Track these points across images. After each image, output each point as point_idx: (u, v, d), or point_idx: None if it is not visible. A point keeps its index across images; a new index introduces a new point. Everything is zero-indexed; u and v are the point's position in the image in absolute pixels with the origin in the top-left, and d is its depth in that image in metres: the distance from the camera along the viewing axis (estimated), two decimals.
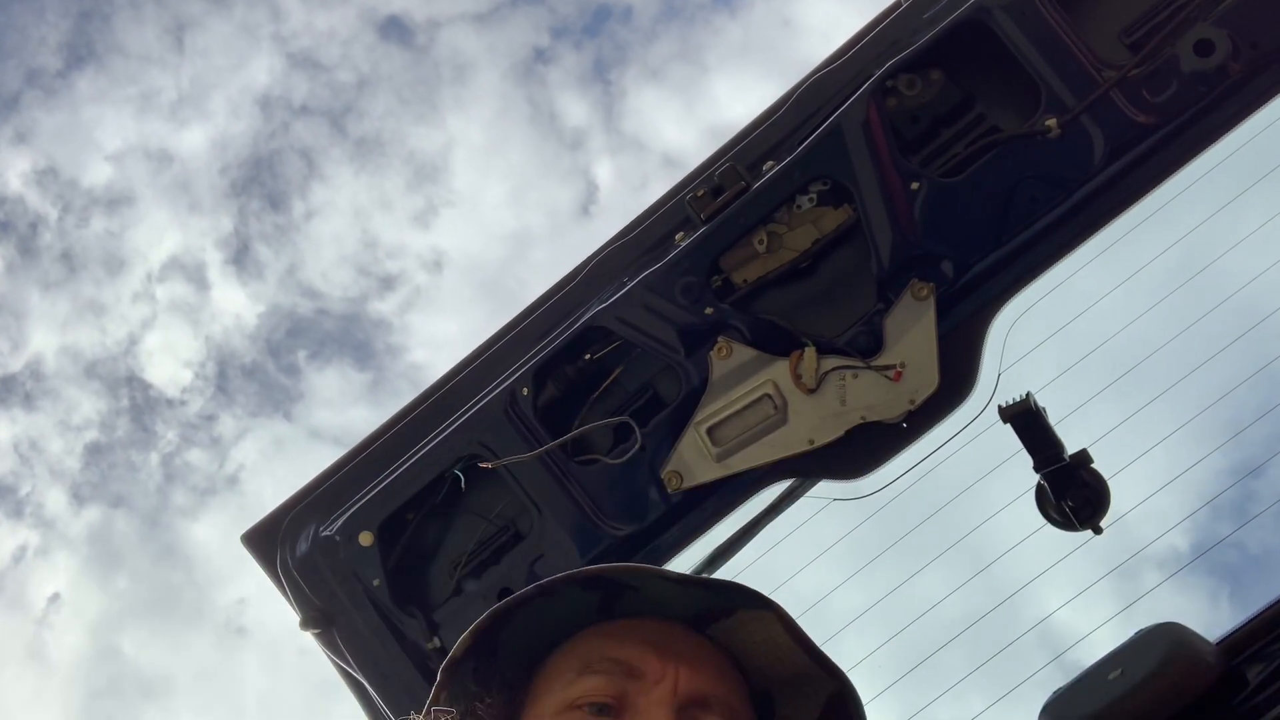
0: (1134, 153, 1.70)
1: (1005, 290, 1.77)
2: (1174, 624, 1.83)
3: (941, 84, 1.80)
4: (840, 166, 1.77)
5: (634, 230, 1.94)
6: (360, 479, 1.96)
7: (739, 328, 1.81)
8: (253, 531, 2.02)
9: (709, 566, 1.98)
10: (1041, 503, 1.79)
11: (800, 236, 1.81)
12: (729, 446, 1.79)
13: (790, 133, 1.87)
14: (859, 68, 1.84)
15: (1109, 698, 1.75)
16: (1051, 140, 1.71)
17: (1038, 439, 1.78)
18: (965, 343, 1.77)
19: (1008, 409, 1.77)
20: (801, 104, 1.87)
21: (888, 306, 1.76)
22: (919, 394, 1.72)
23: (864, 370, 1.74)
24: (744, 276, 1.83)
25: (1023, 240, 1.74)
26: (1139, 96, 1.69)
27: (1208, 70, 1.65)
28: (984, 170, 1.74)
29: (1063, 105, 1.71)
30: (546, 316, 1.96)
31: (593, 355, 1.89)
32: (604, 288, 1.93)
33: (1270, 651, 1.79)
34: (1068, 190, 1.72)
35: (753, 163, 1.87)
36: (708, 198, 1.82)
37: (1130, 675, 1.76)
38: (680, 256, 1.83)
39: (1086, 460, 1.78)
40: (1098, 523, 1.77)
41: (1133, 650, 1.82)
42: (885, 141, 1.75)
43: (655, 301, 1.83)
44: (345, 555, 1.88)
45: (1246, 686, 1.77)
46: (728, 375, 1.79)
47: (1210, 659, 1.77)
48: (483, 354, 1.99)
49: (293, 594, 1.95)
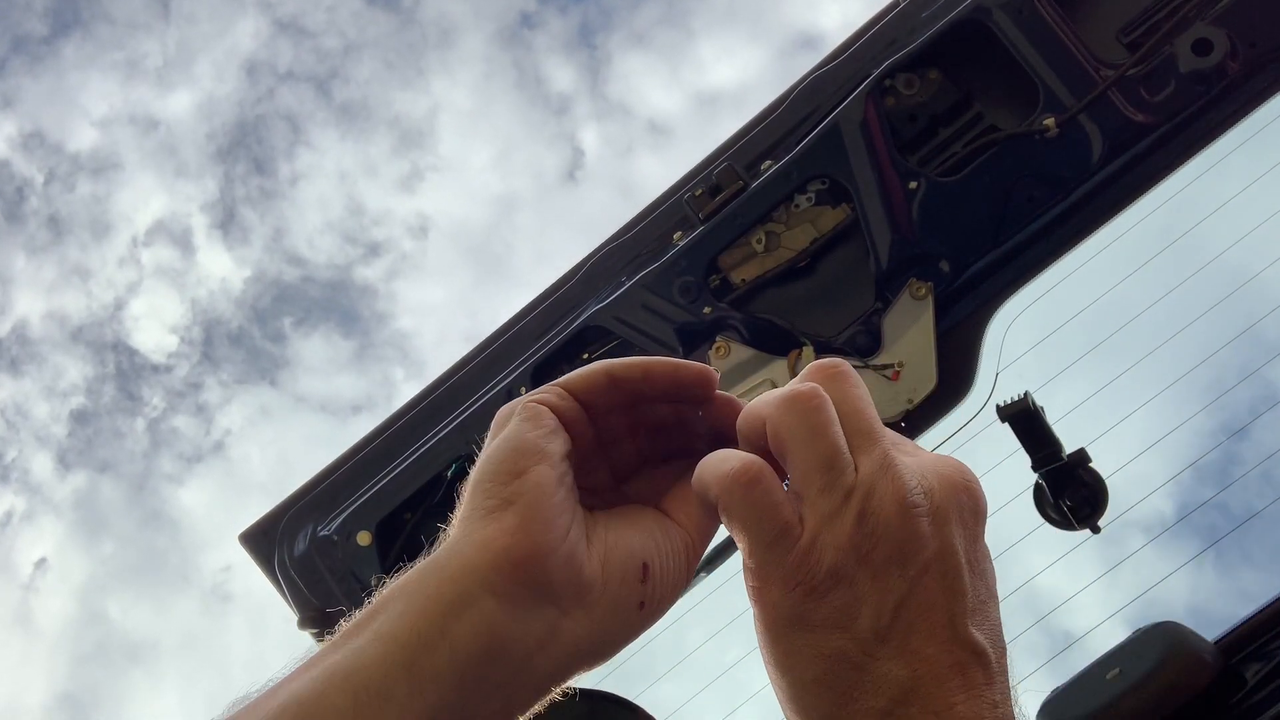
0: (1132, 152, 1.70)
1: (1003, 289, 1.77)
2: (1172, 623, 1.83)
3: (939, 83, 1.80)
4: (838, 166, 1.77)
5: (632, 230, 1.94)
6: (358, 479, 1.96)
7: (737, 327, 1.81)
8: (250, 531, 2.02)
9: (706, 566, 1.97)
10: (1039, 502, 1.79)
11: (798, 236, 1.81)
12: None
13: (788, 132, 1.87)
14: (857, 67, 1.84)
15: (1107, 697, 1.75)
16: (1049, 139, 1.71)
17: (1036, 438, 1.78)
18: (963, 342, 1.77)
19: (1006, 408, 1.77)
20: (799, 103, 1.87)
21: (886, 306, 1.76)
22: (917, 393, 1.72)
23: (862, 369, 1.74)
24: (742, 276, 1.83)
25: (1021, 239, 1.74)
26: (1137, 96, 1.70)
27: (1206, 69, 1.65)
28: (982, 169, 1.75)
29: (1061, 104, 1.71)
30: (544, 316, 1.96)
31: (591, 355, 1.89)
32: (602, 287, 1.93)
33: (1268, 650, 1.79)
34: (1066, 189, 1.72)
35: (750, 162, 1.87)
36: (705, 197, 1.82)
37: (1128, 674, 1.76)
38: (678, 256, 1.83)
39: (1085, 459, 1.78)
40: (1096, 522, 1.77)
41: (1131, 649, 1.82)
42: (883, 141, 1.75)
43: (653, 301, 1.83)
44: (343, 555, 1.88)
45: (1244, 685, 1.77)
46: (726, 375, 1.79)
47: (1208, 658, 1.78)
48: (481, 353, 1.99)
49: (290, 594, 1.94)
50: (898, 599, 0.58)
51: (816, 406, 0.61)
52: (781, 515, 0.60)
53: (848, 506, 0.59)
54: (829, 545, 0.58)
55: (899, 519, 0.58)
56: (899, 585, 0.58)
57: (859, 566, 0.58)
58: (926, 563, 0.58)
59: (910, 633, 0.58)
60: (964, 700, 0.57)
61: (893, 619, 0.58)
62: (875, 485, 0.59)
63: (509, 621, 0.60)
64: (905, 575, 0.58)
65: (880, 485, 0.59)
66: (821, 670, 0.58)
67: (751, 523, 0.60)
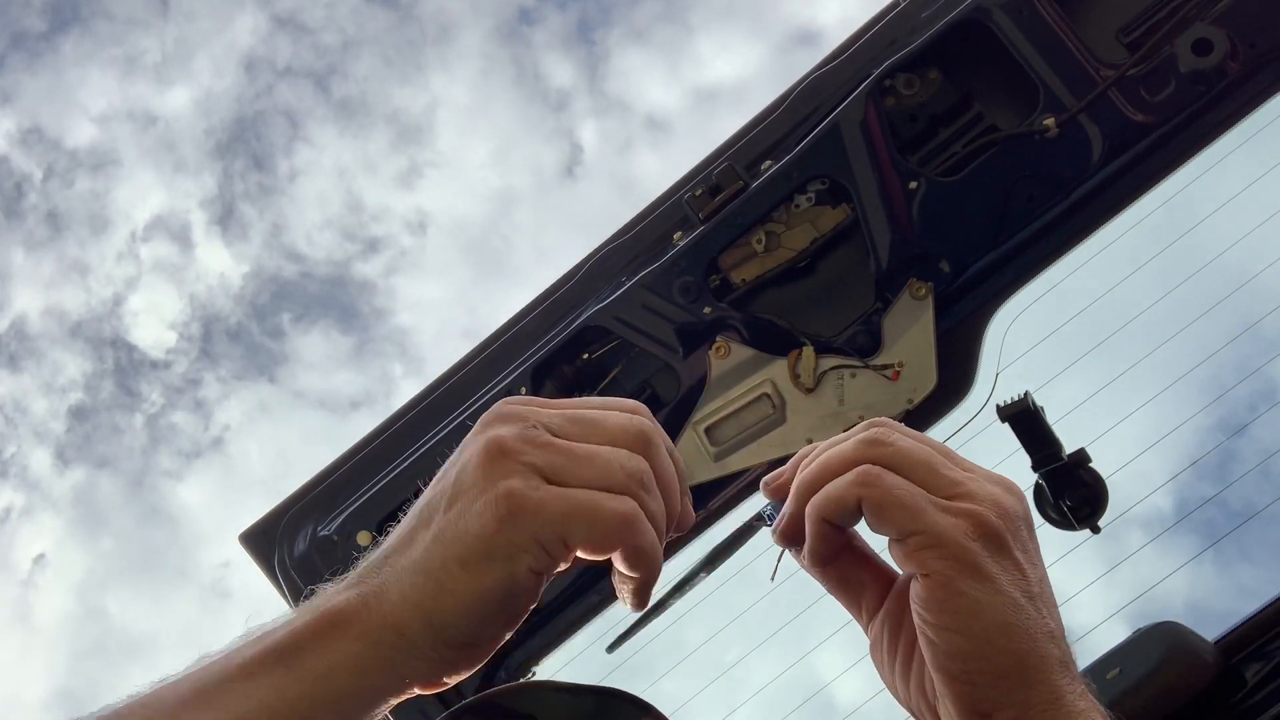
0: (1132, 152, 1.70)
1: (1004, 289, 1.77)
2: (1172, 623, 1.83)
3: (939, 83, 1.80)
4: (838, 166, 1.77)
5: (632, 230, 1.94)
6: (358, 479, 1.96)
7: (737, 327, 1.81)
8: (250, 531, 2.02)
9: (710, 565, 1.97)
10: (1039, 502, 1.79)
11: (798, 236, 1.81)
12: (727, 446, 1.79)
13: (788, 132, 1.87)
14: (857, 67, 1.84)
15: (1107, 697, 1.75)
16: (1049, 139, 1.71)
17: (1036, 438, 1.78)
18: (963, 342, 1.77)
19: (1006, 408, 1.77)
20: (799, 104, 1.87)
21: (886, 306, 1.76)
22: (917, 393, 1.72)
23: (862, 370, 1.74)
24: (742, 276, 1.83)
25: (1021, 239, 1.74)
26: (1137, 96, 1.70)
27: (1206, 69, 1.65)
28: (982, 169, 1.74)
29: (1061, 104, 1.71)
30: (544, 316, 1.96)
31: (591, 355, 1.89)
32: (602, 287, 1.93)
33: (1268, 650, 1.79)
34: (1066, 189, 1.72)
35: (750, 162, 1.87)
36: (705, 197, 1.82)
37: (1128, 674, 1.76)
38: (678, 256, 1.83)
39: (1085, 460, 1.78)
40: (1096, 522, 1.77)
41: (1131, 649, 1.82)
42: (883, 141, 1.75)
43: (653, 301, 1.83)
44: (343, 555, 1.88)
45: (1244, 685, 1.77)
46: (726, 375, 1.79)
47: (1208, 658, 1.78)
48: (481, 353, 1.99)
49: (290, 594, 1.94)
50: (1037, 573, 0.72)
51: (890, 442, 0.76)
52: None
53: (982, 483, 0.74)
54: (990, 514, 0.71)
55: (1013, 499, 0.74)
56: (1033, 562, 0.73)
57: (1011, 537, 0.71)
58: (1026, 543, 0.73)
59: (1045, 600, 0.72)
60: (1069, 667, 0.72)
61: (1040, 584, 0.72)
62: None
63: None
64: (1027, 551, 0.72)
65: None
66: (1008, 617, 0.69)
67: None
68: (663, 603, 1.77)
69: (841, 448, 0.76)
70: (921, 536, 0.70)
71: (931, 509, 0.70)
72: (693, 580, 1.66)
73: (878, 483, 0.72)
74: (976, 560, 0.69)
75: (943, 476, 0.72)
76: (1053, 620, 0.71)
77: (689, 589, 1.73)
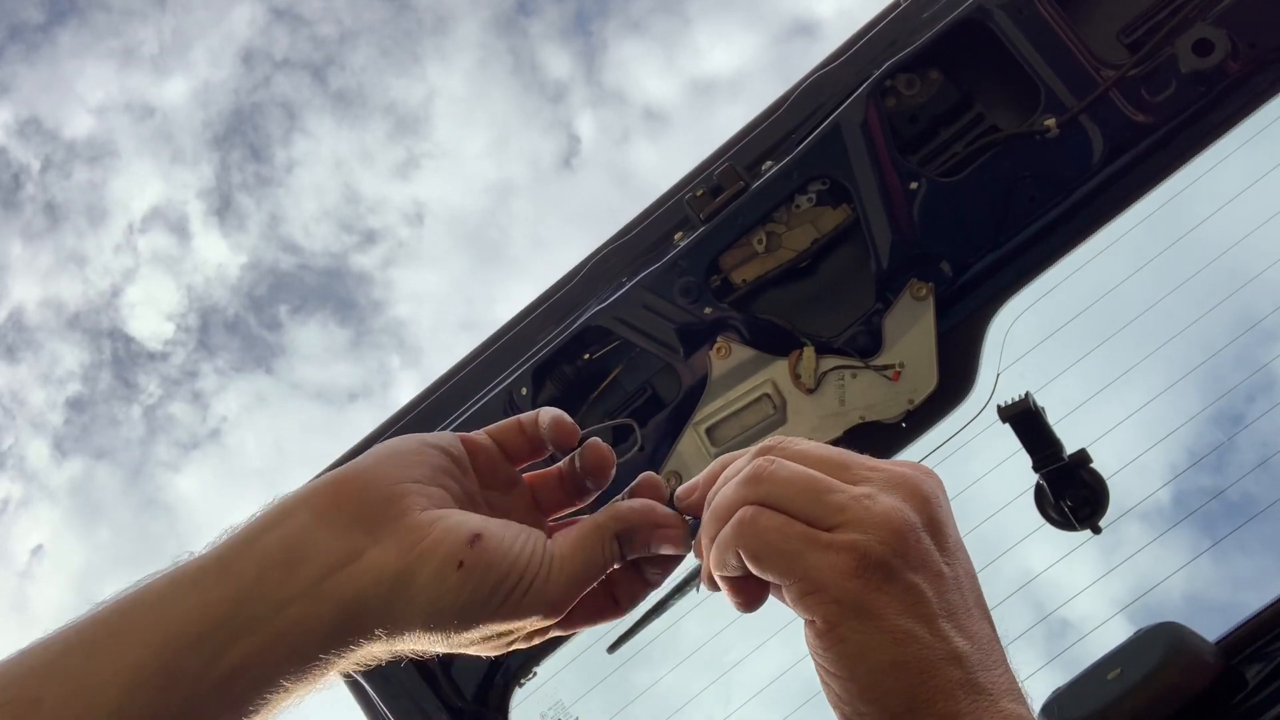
0: (1133, 152, 1.70)
1: (1004, 290, 1.77)
2: (1173, 624, 1.83)
3: (940, 84, 1.80)
4: (839, 166, 1.77)
5: (633, 230, 1.94)
6: None
7: (738, 327, 1.81)
8: None
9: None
10: (1040, 503, 1.79)
11: (799, 236, 1.81)
12: (728, 446, 1.79)
13: (789, 133, 1.87)
14: (858, 67, 1.84)
15: (1108, 697, 1.75)
16: (1050, 140, 1.71)
17: (1037, 439, 1.78)
18: (964, 342, 1.77)
19: (1007, 409, 1.77)
20: (800, 104, 1.87)
21: (886, 306, 1.76)
22: (918, 394, 1.72)
23: (863, 370, 1.74)
24: (743, 276, 1.83)
25: (1021, 240, 1.74)
26: (1138, 96, 1.70)
27: (1206, 70, 1.65)
28: (983, 170, 1.74)
29: (1061, 105, 1.71)
30: (545, 316, 1.96)
31: (591, 355, 1.89)
32: (603, 288, 1.93)
33: (1269, 651, 1.79)
34: (1066, 190, 1.72)
35: (751, 162, 1.87)
36: (706, 197, 1.82)
37: (1129, 675, 1.76)
38: (679, 256, 1.83)
39: (1085, 460, 1.78)
40: (1096, 522, 1.77)
41: (1132, 650, 1.82)
42: (884, 141, 1.75)
43: (654, 301, 1.83)
44: None
45: (1245, 686, 1.77)
46: (727, 375, 1.79)
47: (1209, 658, 1.78)
48: (481, 354, 1.99)
49: None
50: (943, 586, 0.68)
51: (774, 467, 0.72)
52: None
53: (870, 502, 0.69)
54: (874, 541, 0.67)
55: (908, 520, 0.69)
56: (938, 574, 0.68)
57: (902, 561, 0.67)
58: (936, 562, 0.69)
59: (952, 611, 0.67)
60: (1003, 671, 0.67)
61: (950, 590, 0.68)
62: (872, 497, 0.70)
63: (314, 532, 0.67)
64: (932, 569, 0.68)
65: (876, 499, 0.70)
66: (894, 656, 0.65)
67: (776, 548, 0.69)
68: (663, 603, 1.77)
69: (725, 491, 0.73)
70: (800, 584, 0.67)
71: (809, 551, 0.67)
72: (693, 581, 1.66)
73: (751, 530, 0.69)
74: (858, 600, 0.66)
75: (826, 504, 0.68)
76: (959, 636, 0.66)
77: (689, 589, 1.73)
